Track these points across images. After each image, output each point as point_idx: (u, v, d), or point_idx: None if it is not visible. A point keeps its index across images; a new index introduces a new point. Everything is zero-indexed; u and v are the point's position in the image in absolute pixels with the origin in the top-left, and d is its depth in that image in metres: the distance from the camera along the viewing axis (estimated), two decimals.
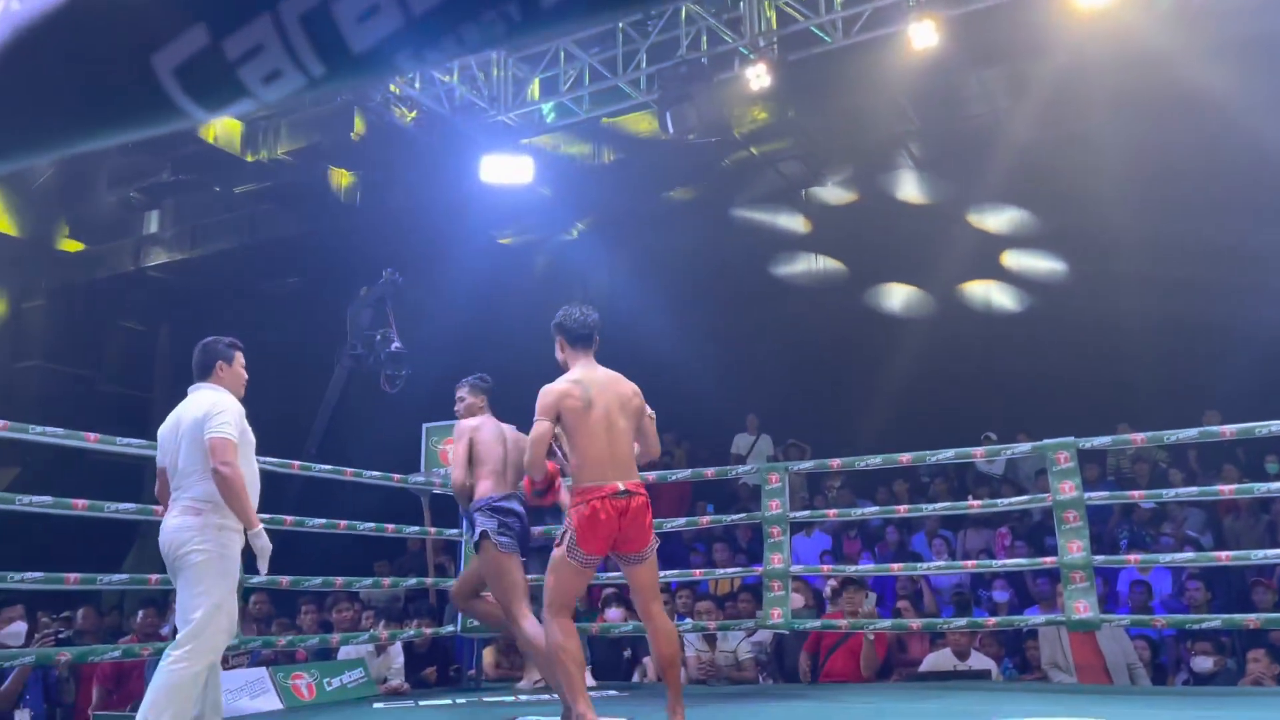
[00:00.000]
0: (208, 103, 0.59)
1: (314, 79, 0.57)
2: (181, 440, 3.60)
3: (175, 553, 3.49)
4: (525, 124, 9.31)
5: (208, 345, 3.86)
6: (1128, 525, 7.45)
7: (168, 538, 3.52)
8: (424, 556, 7.82)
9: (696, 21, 8.36)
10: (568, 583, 3.69)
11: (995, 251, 10.35)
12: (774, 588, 5.49)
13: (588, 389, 3.73)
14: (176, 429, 3.64)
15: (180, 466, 3.57)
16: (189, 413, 3.66)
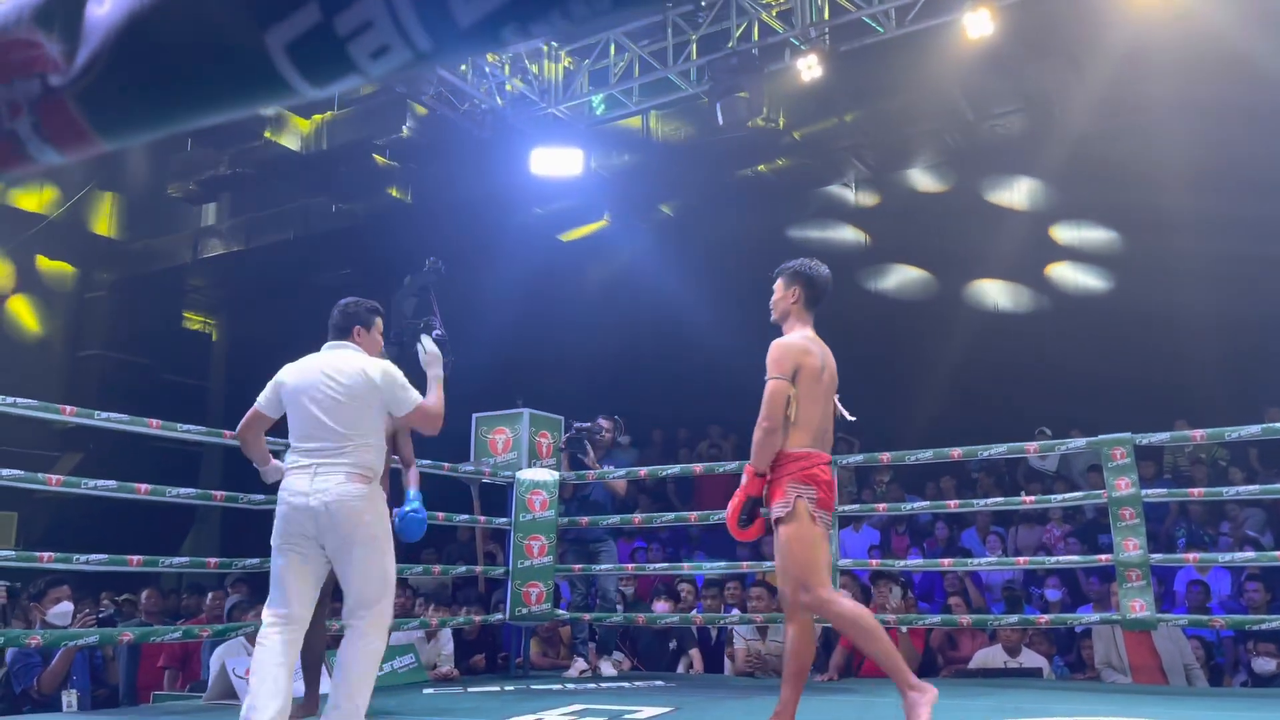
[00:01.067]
0: (317, 78, 0.61)
1: (420, 54, 0.58)
2: (340, 398, 3.35)
3: (347, 520, 3.24)
4: (575, 116, 9.34)
5: (348, 307, 3.67)
6: (1185, 524, 7.31)
7: (334, 503, 3.24)
8: (473, 545, 7.91)
9: (748, 13, 8.32)
10: (822, 553, 3.36)
11: (1051, 245, 10.18)
12: None
13: (823, 351, 3.52)
14: (327, 384, 3.38)
15: (341, 428, 3.32)
16: (348, 370, 3.41)
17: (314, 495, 3.25)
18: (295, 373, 3.48)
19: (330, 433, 3.33)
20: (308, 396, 3.39)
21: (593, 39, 8.96)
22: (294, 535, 3.27)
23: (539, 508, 6.13)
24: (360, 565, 3.29)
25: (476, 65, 8.80)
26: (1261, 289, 8.01)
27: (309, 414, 3.36)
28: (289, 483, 3.33)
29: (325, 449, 3.32)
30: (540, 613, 5.96)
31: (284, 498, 3.31)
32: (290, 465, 3.38)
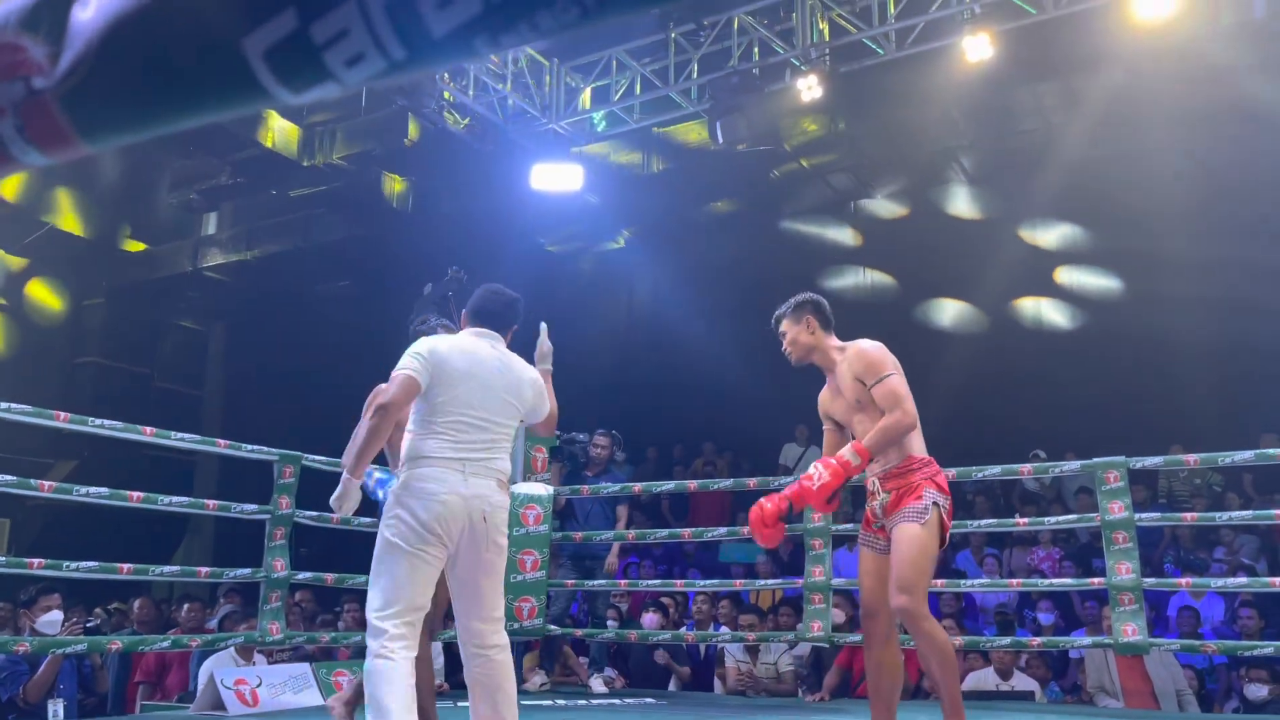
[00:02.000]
0: (294, 85, 0.62)
1: (395, 62, 0.59)
2: (508, 397, 3.04)
3: (498, 533, 2.96)
4: (576, 132, 9.39)
5: (515, 302, 3.27)
6: (1175, 550, 7.31)
7: (492, 514, 2.94)
8: None
9: (749, 32, 8.37)
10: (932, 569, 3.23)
11: (1047, 268, 10.22)
12: (815, 601, 5.46)
13: None
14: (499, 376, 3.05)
15: (498, 428, 3.01)
16: (516, 368, 3.14)
17: (472, 499, 2.90)
18: (458, 352, 3.04)
19: (487, 430, 2.98)
20: (478, 383, 3.01)
21: (595, 56, 9.01)
22: (432, 536, 2.85)
23: (533, 522, 6.11)
24: (498, 578, 3.01)
25: (479, 80, 8.85)
26: (1257, 316, 8.03)
27: (471, 403, 2.97)
28: (432, 474, 2.89)
29: (477, 446, 2.95)
30: (532, 628, 5.94)
31: (429, 490, 2.87)
32: (425, 456, 2.94)
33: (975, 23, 7.36)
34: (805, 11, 8.07)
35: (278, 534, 5.01)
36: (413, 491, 2.89)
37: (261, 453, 5.06)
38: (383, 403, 2.91)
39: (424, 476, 2.90)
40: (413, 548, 2.86)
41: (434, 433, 2.95)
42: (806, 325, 3.51)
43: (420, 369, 2.96)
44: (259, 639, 4.96)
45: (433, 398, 2.96)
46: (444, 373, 2.97)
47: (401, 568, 2.86)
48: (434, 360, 2.98)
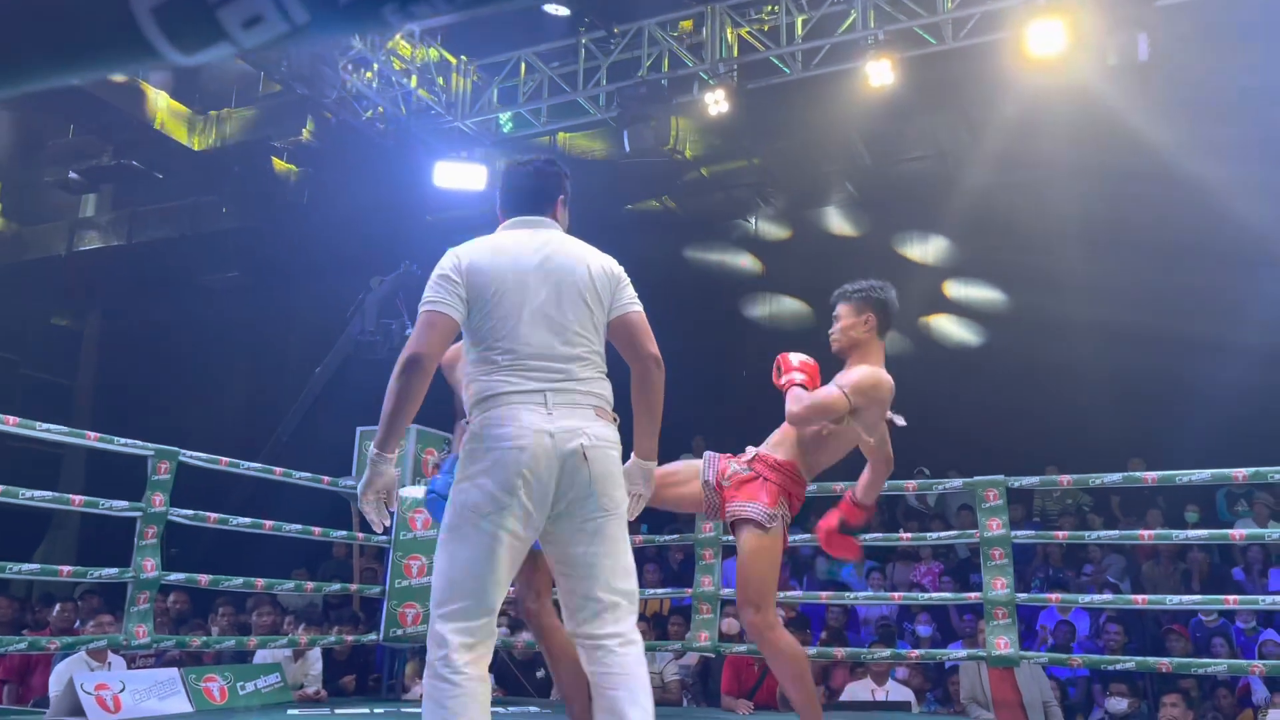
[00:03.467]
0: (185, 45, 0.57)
1: (296, 26, 0.55)
2: (569, 289, 2.31)
3: (599, 472, 2.24)
4: (482, 132, 9.28)
5: (545, 168, 2.56)
6: (1045, 567, 7.61)
7: (593, 449, 2.23)
8: (349, 563, 7.68)
9: (658, 43, 8.42)
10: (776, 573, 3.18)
11: (934, 291, 10.54)
12: (703, 610, 5.49)
13: None
14: (559, 268, 2.33)
15: (576, 335, 2.30)
16: (575, 249, 2.41)
17: (563, 436, 2.19)
18: (495, 255, 2.33)
19: (566, 342, 2.29)
20: (536, 286, 2.29)
21: (503, 56, 8.93)
22: (513, 498, 2.16)
23: (421, 526, 5.99)
24: (614, 544, 2.28)
25: (382, 73, 8.66)
26: (1133, 345, 8.43)
27: (534, 315, 2.27)
28: (505, 414, 2.20)
29: (556, 369, 2.26)
30: (416, 634, 5.81)
31: (504, 435, 2.18)
32: (492, 394, 2.25)
33: (878, 48, 7.55)
34: (715, 27, 8.16)
35: (149, 533, 4.77)
36: (483, 441, 2.20)
37: (135, 447, 4.82)
38: (412, 354, 2.25)
39: (494, 420, 2.20)
40: (487, 518, 2.17)
41: (496, 365, 2.26)
42: (865, 321, 3.42)
43: (448, 298, 2.28)
44: (124, 642, 4.72)
45: (480, 323, 2.28)
46: (484, 288, 2.28)
47: (470, 546, 2.18)
48: (465, 278, 2.29)
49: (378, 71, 8.61)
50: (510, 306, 2.28)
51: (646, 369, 2.37)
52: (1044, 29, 6.96)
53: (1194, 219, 8.12)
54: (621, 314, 2.39)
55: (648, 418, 2.40)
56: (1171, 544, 6.85)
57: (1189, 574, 7.14)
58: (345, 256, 9.89)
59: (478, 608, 2.18)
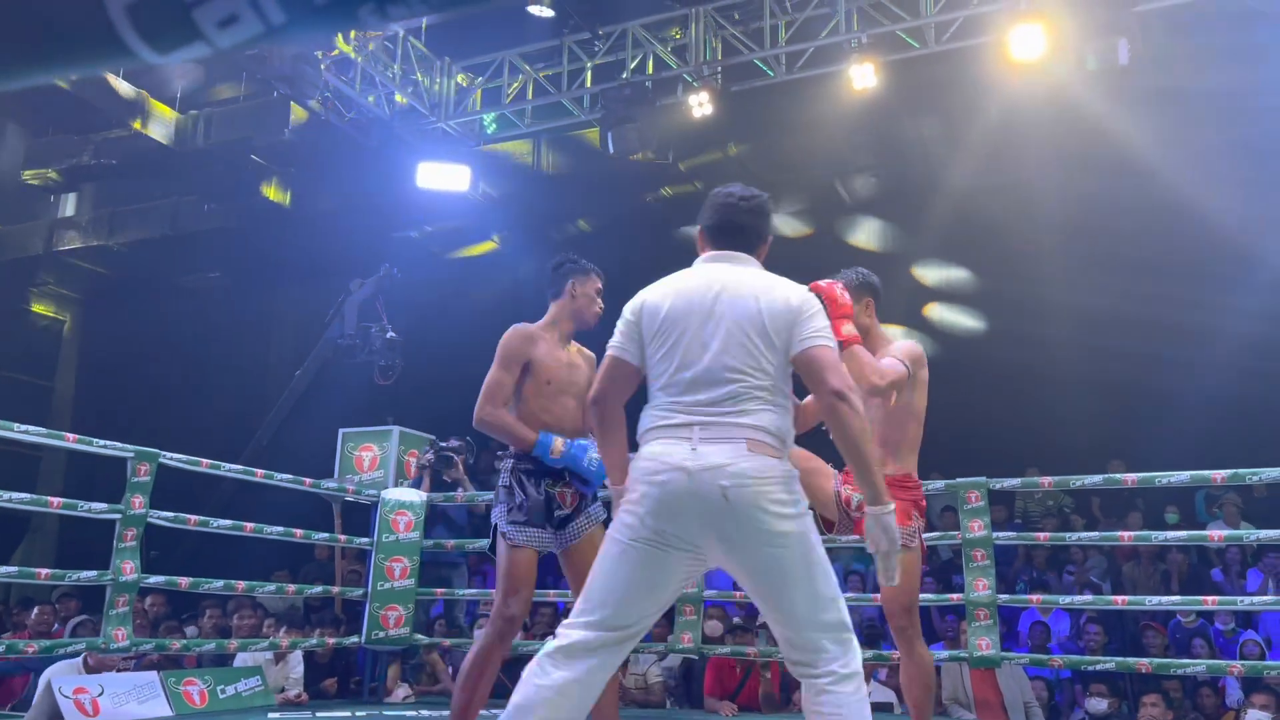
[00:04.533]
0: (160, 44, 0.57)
1: (272, 27, 0.55)
2: (735, 323, 2.28)
3: (746, 508, 2.17)
4: (466, 133, 9.25)
5: (756, 205, 2.51)
6: (1029, 569, 7.64)
7: (731, 484, 2.16)
8: (330, 565, 7.65)
9: (643, 45, 8.42)
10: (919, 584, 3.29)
11: (923, 295, 10.59)
12: (686, 612, 5.49)
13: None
14: (729, 303, 2.30)
15: (736, 370, 2.26)
16: (744, 289, 2.33)
17: (702, 475, 2.20)
18: (673, 295, 2.36)
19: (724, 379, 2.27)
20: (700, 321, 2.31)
21: (487, 57, 8.91)
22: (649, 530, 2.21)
23: (403, 529, 5.97)
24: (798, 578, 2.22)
25: (366, 73, 8.63)
26: (1113, 348, 8.49)
27: (694, 348, 2.30)
28: (650, 450, 2.26)
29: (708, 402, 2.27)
30: (398, 637, 5.79)
31: (643, 469, 2.25)
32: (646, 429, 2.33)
33: (861, 52, 7.58)
34: (699, 29, 8.17)
35: (128, 535, 4.74)
36: (635, 473, 2.27)
37: (115, 448, 4.78)
38: (592, 397, 2.40)
39: (645, 455, 2.26)
40: (632, 543, 2.23)
41: (657, 399, 2.31)
42: (866, 307, 3.42)
43: (624, 343, 2.37)
44: (103, 645, 4.68)
45: (652, 361, 2.34)
46: (655, 327, 2.33)
47: (609, 561, 2.25)
48: (641, 319, 2.36)
49: (360, 72, 8.58)
50: (674, 344, 2.31)
51: (828, 405, 2.29)
52: (1025, 33, 7.00)
53: (1173, 223, 8.18)
54: (802, 349, 2.30)
55: (852, 459, 2.30)
56: (1151, 545, 6.90)
57: (1169, 575, 7.19)
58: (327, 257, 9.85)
59: (600, 622, 2.22)
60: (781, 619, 2.24)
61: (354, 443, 6.62)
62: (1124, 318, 8.45)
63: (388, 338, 7.77)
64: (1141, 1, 6.85)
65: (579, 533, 3.41)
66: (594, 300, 3.57)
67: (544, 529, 3.37)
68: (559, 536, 3.40)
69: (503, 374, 3.38)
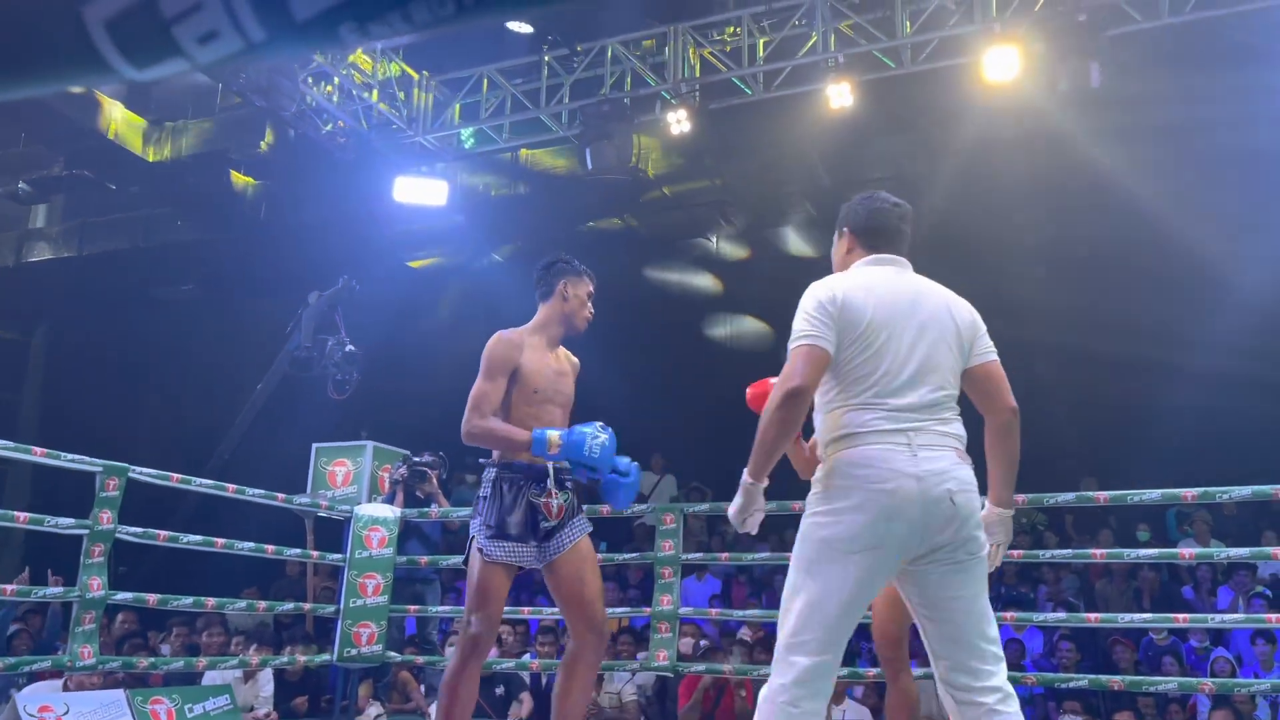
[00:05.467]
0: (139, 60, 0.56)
1: (253, 44, 0.54)
2: (935, 332, 2.32)
3: (965, 515, 2.21)
4: (444, 148, 9.24)
5: (906, 209, 2.59)
6: (1003, 586, 7.68)
7: (956, 488, 2.21)
8: (302, 582, 7.57)
9: (621, 62, 8.45)
10: None
11: None
12: (662, 629, 5.46)
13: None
14: (929, 312, 2.34)
15: (939, 377, 2.29)
16: (935, 297, 2.40)
17: (929, 479, 2.19)
18: (865, 293, 2.33)
19: (930, 385, 2.28)
20: (903, 327, 2.31)
21: (466, 72, 8.91)
22: (876, 539, 2.17)
23: (377, 545, 5.91)
24: (984, 585, 2.27)
25: (343, 87, 8.61)
26: (1087, 367, 8.57)
27: (901, 355, 2.28)
28: (869, 454, 2.20)
29: (921, 408, 2.26)
30: (370, 654, 5.72)
31: (869, 476, 2.19)
32: (854, 432, 2.25)
33: (838, 71, 7.64)
34: (678, 46, 8.21)
35: (96, 551, 4.66)
36: (847, 478, 2.20)
37: (83, 463, 4.70)
38: (794, 388, 2.23)
39: (858, 460, 2.20)
40: (853, 555, 2.17)
41: (859, 401, 2.25)
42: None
43: (825, 331, 2.28)
44: (68, 663, 4.59)
45: (847, 359, 2.29)
46: (855, 324, 2.28)
47: (828, 580, 2.18)
48: (838, 314, 2.29)
49: (338, 85, 8.55)
50: (880, 346, 2.29)
51: (1006, 420, 2.40)
52: (999, 55, 7.09)
53: (1146, 243, 8.30)
54: (982, 362, 2.40)
55: (1007, 467, 2.42)
56: (1123, 563, 6.95)
57: (1140, 592, 7.24)
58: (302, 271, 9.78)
59: (827, 643, 2.18)
60: (952, 634, 2.24)
61: (327, 458, 6.57)
62: (1098, 336, 8.53)
63: (346, 351, 7.67)
64: (1112, 26, 6.95)
65: (564, 544, 3.30)
66: (585, 304, 3.46)
67: (526, 543, 3.25)
68: (543, 550, 3.27)
69: (488, 384, 3.23)
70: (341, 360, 7.41)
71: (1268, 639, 6.23)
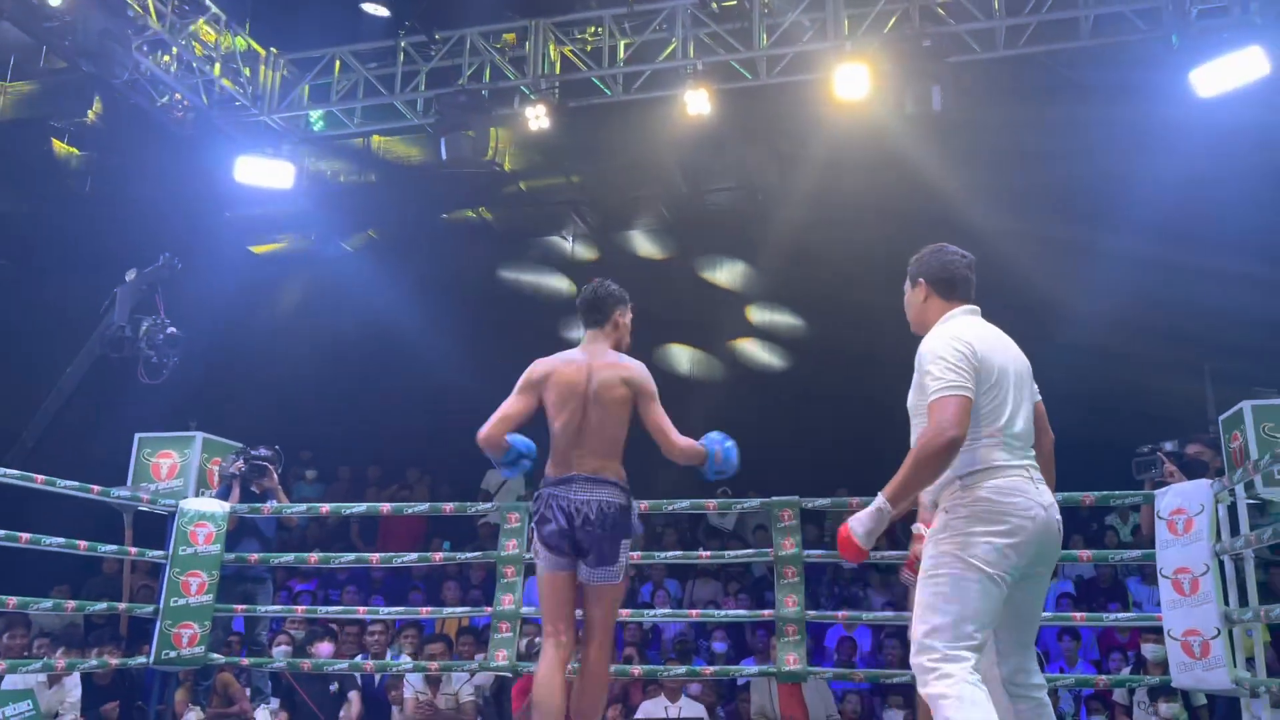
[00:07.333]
0: None
1: None
2: (1018, 381, 2.71)
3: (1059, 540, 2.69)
4: (291, 129, 8.86)
5: (973, 261, 2.94)
6: (835, 585, 7.95)
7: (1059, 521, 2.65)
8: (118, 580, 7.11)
9: (481, 54, 8.32)
10: None
11: (743, 319, 10.90)
12: (502, 629, 5.39)
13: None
14: (1010, 357, 2.74)
15: (1023, 421, 2.68)
16: (1016, 349, 2.80)
17: (1051, 510, 2.62)
18: (989, 346, 2.70)
19: (1030, 427, 2.70)
20: (1013, 375, 2.70)
21: (317, 52, 8.58)
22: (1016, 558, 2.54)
23: (203, 541, 5.62)
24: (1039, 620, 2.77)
25: (183, 59, 8.14)
26: None
27: (1015, 399, 2.67)
28: (1011, 485, 2.57)
29: (1028, 447, 2.68)
30: (191, 656, 5.43)
31: (1016, 506, 2.55)
32: (994, 465, 2.59)
33: (696, 78, 7.74)
34: (538, 42, 8.14)
35: None
36: (998, 506, 2.54)
37: None
38: (955, 437, 2.53)
39: (1004, 489, 2.56)
40: (997, 571, 2.52)
41: (994, 438, 2.60)
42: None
43: (967, 381, 2.59)
44: None
45: (980, 404, 2.62)
46: (988, 373, 2.64)
47: (981, 596, 2.51)
48: (979, 364, 2.63)
49: (177, 56, 8.08)
50: (1003, 391, 2.65)
51: (1051, 452, 2.83)
52: (849, 73, 7.33)
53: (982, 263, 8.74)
54: (1037, 400, 2.82)
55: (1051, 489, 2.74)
56: None
57: None
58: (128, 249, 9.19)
59: (981, 646, 2.52)
60: (1026, 640, 2.68)
61: (151, 449, 6.18)
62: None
63: (168, 333, 7.18)
64: (954, 53, 7.30)
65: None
66: (629, 329, 3.77)
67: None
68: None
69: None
70: (162, 343, 6.96)
71: (1073, 635, 6.67)
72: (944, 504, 2.63)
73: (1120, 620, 5.81)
